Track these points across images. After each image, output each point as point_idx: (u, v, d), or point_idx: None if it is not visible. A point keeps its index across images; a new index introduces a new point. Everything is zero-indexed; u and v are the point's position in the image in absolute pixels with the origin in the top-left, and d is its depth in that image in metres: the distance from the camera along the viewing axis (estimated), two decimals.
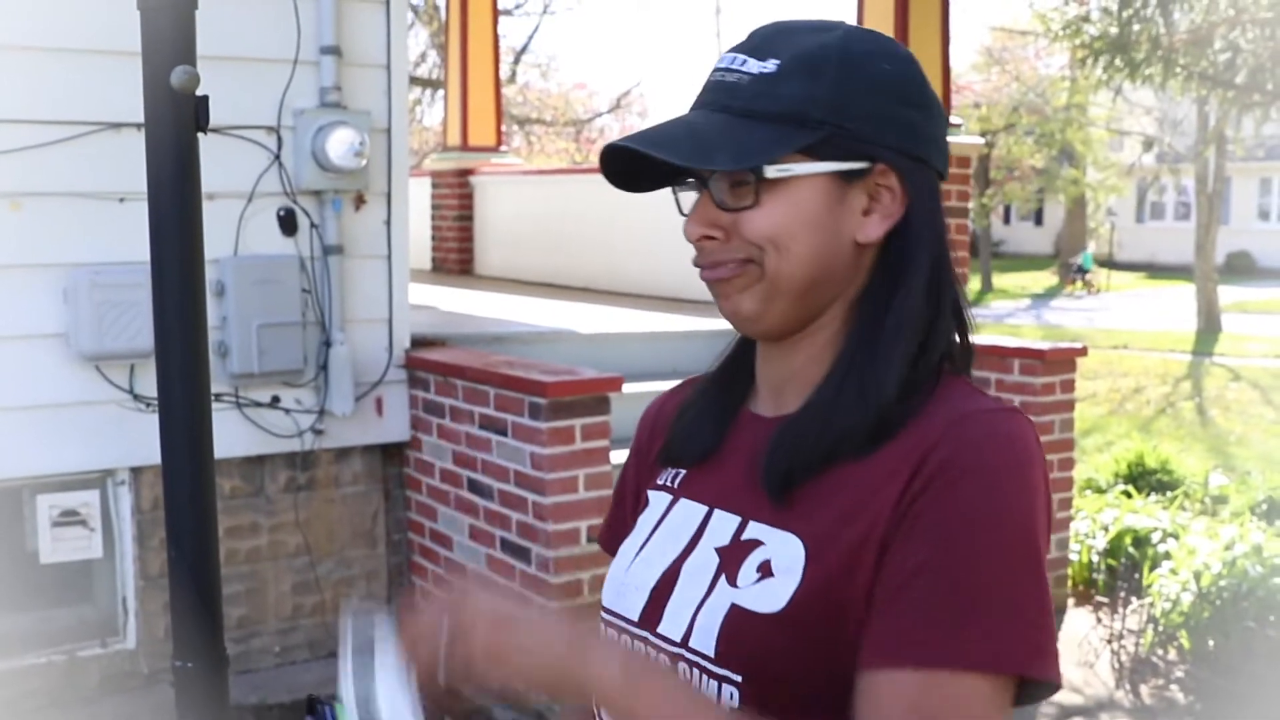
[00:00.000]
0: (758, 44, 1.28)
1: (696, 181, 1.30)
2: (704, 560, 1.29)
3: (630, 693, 1.18)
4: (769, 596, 1.21)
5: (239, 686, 5.00)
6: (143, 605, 5.07)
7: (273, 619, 5.37)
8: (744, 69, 1.27)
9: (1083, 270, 33.28)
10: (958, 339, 1.32)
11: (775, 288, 1.27)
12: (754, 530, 1.27)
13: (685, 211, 1.32)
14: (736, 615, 1.22)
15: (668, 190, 1.38)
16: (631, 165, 1.30)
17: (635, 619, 1.34)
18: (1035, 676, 1.14)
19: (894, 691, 1.12)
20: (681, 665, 1.27)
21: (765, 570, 1.23)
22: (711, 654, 1.23)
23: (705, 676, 1.24)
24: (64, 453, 4.85)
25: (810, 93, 1.24)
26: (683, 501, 1.38)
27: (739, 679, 1.21)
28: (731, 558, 1.27)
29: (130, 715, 4.88)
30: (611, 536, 1.54)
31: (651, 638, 1.31)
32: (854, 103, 1.25)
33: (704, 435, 1.40)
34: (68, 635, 5.03)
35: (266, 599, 5.35)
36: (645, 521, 1.42)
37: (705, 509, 1.34)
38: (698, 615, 1.26)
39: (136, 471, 5.01)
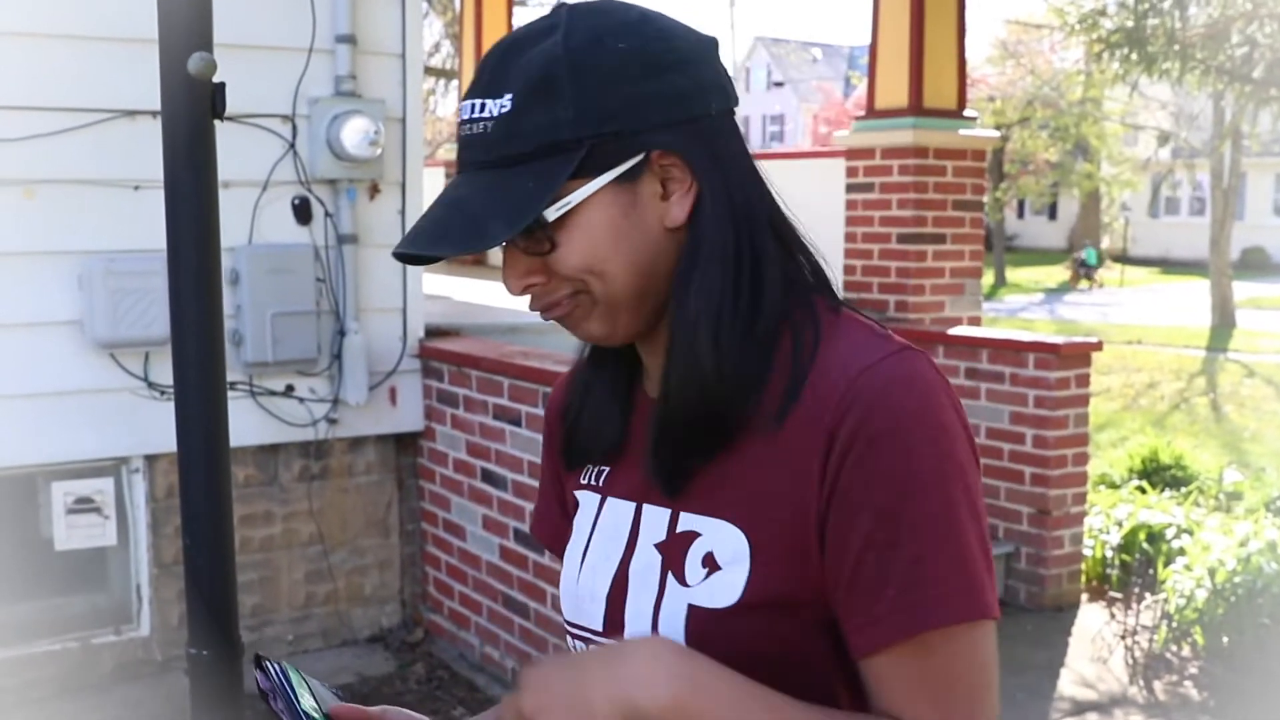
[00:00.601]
0: (487, 81, 1.22)
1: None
2: (647, 560, 1.28)
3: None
4: (722, 590, 1.20)
5: (251, 675, 5.01)
6: (156, 593, 5.08)
7: (286, 607, 5.37)
8: (484, 115, 1.20)
9: (1087, 265, 33.23)
10: (808, 267, 1.30)
11: (612, 307, 1.24)
12: (687, 521, 1.25)
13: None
14: (697, 615, 1.21)
15: None
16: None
17: (600, 629, 1.32)
18: (982, 616, 1.16)
19: (896, 671, 1.15)
20: None
21: (710, 563, 1.22)
22: None
23: None
24: (78, 440, 4.86)
25: (553, 117, 1.18)
26: (610, 500, 1.35)
27: None
28: (673, 554, 1.25)
29: (143, 702, 4.89)
30: (547, 530, 1.52)
31: None
32: (600, 105, 1.19)
33: (607, 428, 1.37)
34: (81, 622, 5.04)
35: (280, 588, 5.35)
36: (580, 525, 1.40)
37: (633, 505, 1.32)
38: (658, 620, 1.24)
39: (151, 459, 5.01)
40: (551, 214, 1.19)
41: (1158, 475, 8.06)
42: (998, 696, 1.19)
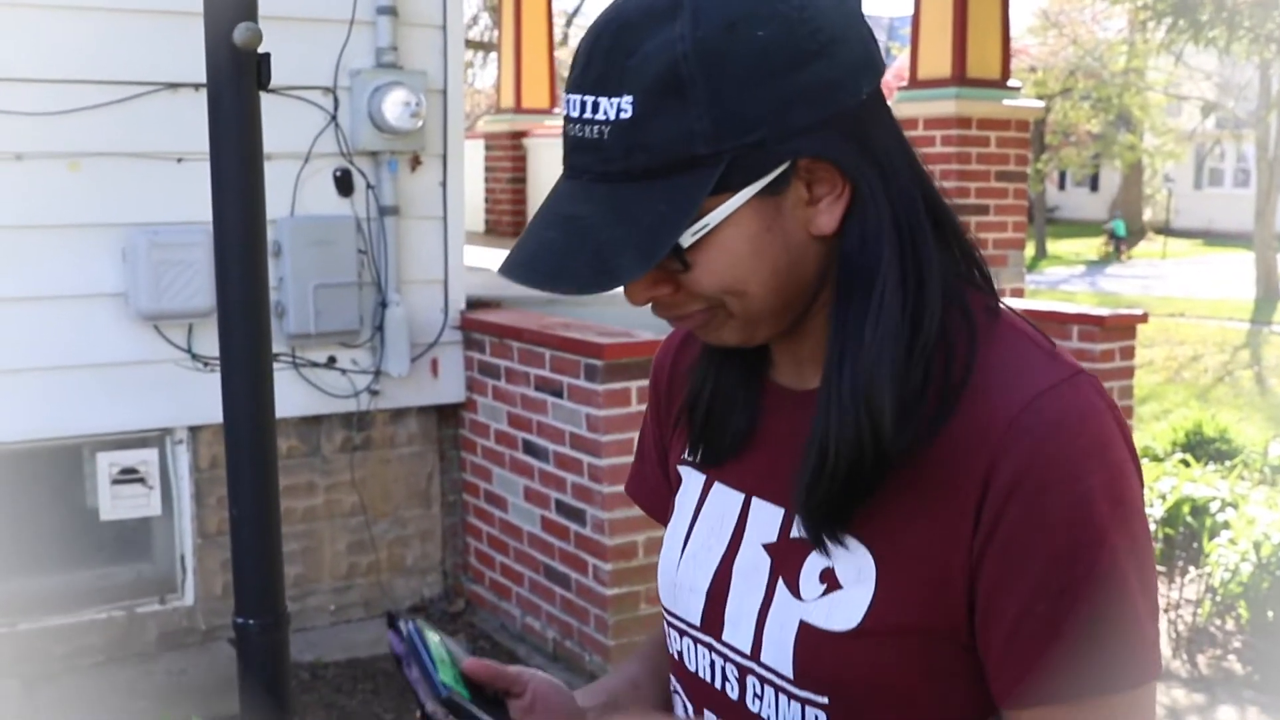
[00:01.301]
0: (599, 72, 1.04)
1: None
2: (754, 560, 1.20)
3: None
4: (841, 612, 1.12)
5: (295, 644, 5.02)
6: (200, 563, 5.12)
7: (328, 578, 5.40)
8: (598, 116, 1.04)
9: (1116, 237, 32.95)
10: (963, 260, 1.19)
11: (751, 321, 1.13)
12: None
13: None
14: (809, 634, 1.14)
15: None
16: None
17: (697, 623, 1.25)
18: (1152, 678, 1.09)
19: None
20: (752, 680, 1.20)
21: (830, 580, 1.13)
22: (790, 675, 1.15)
23: (784, 696, 1.17)
24: (123, 411, 4.89)
25: (685, 128, 1.02)
26: (717, 486, 1.27)
27: (824, 701, 1.14)
28: (785, 561, 1.17)
29: (187, 670, 4.94)
30: (649, 497, 1.45)
31: (717, 645, 1.23)
32: (739, 111, 1.03)
33: (736, 421, 1.26)
34: (126, 592, 5.09)
35: (322, 558, 5.39)
36: (683, 504, 1.31)
37: (742, 496, 1.24)
38: (764, 628, 1.17)
39: (195, 430, 5.05)
40: (687, 240, 1.05)
41: (1202, 448, 7.99)
42: None
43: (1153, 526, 6.16)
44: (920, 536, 1.09)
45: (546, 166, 9.98)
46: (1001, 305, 1.19)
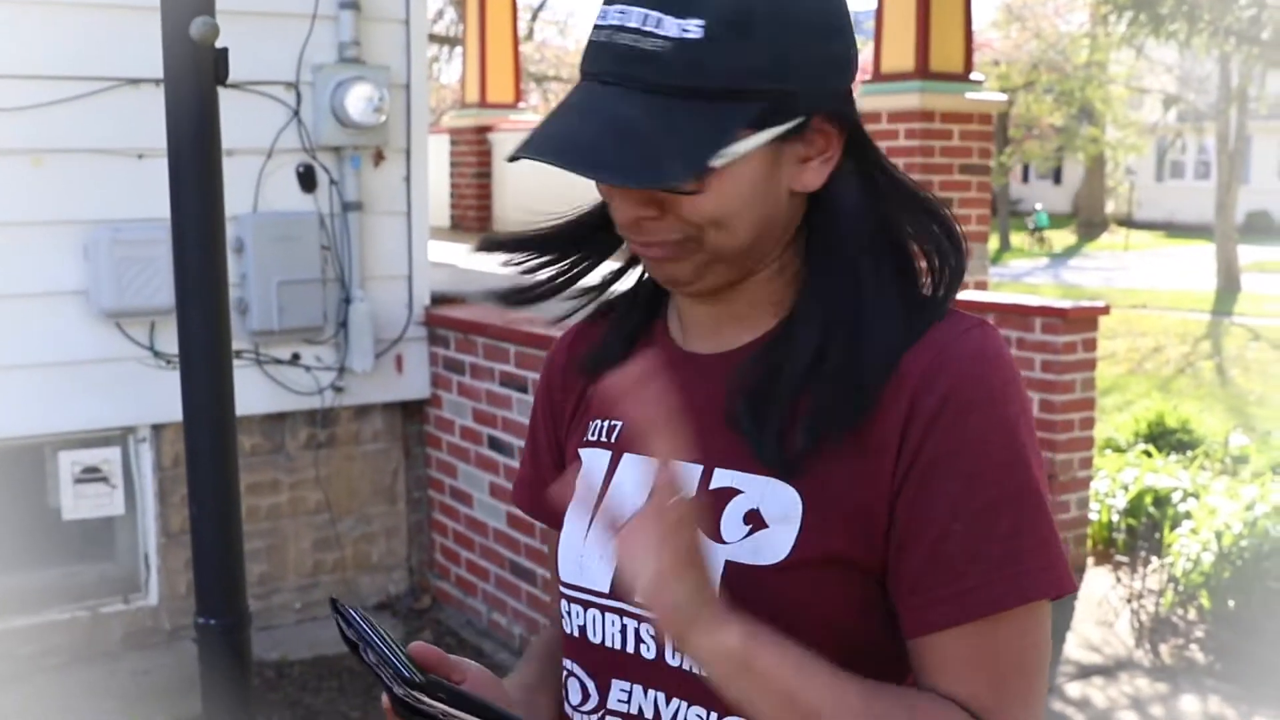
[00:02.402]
0: None
1: None
2: None
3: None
4: (767, 547, 1.15)
5: (260, 643, 5.02)
6: (164, 562, 5.09)
7: (293, 575, 5.39)
8: (660, 31, 1.09)
9: (1038, 228, 33.30)
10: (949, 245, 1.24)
11: (715, 258, 1.18)
12: (725, 478, 1.19)
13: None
14: (736, 572, 1.15)
15: None
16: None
17: (605, 590, 1.25)
18: (1069, 591, 1.15)
19: (959, 646, 1.12)
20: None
21: (755, 520, 1.16)
22: None
23: None
24: (85, 409, 4.86)
25: (745, 61, 1.10)
26: (627, 456, 1.28)
27: None
28: (706, 510, 1.18)
29: (152, 671, 4.91)
30: (534, 497, 1.45)
31: (629, 608, 1.23)
32: (790, 60, 1.12)
33: (607, 359, 1.31)
34: (90, 591, 5.06)
35: (287, 556, 5.37)
36: (586, 484, 1.30)
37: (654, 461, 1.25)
38: None
39: (157, 428, 5.02)
40: (718, 161, 1.11)
41: (1164, 439, 8.05)
42: (1048, 676, 1.17)
43: (1115, 517, 6.21)
44: (845, 472, 1.14)
45: (512, 162, 9.96)
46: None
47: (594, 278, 1.39)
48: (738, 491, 1.18)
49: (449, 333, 5.37)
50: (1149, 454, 7.43)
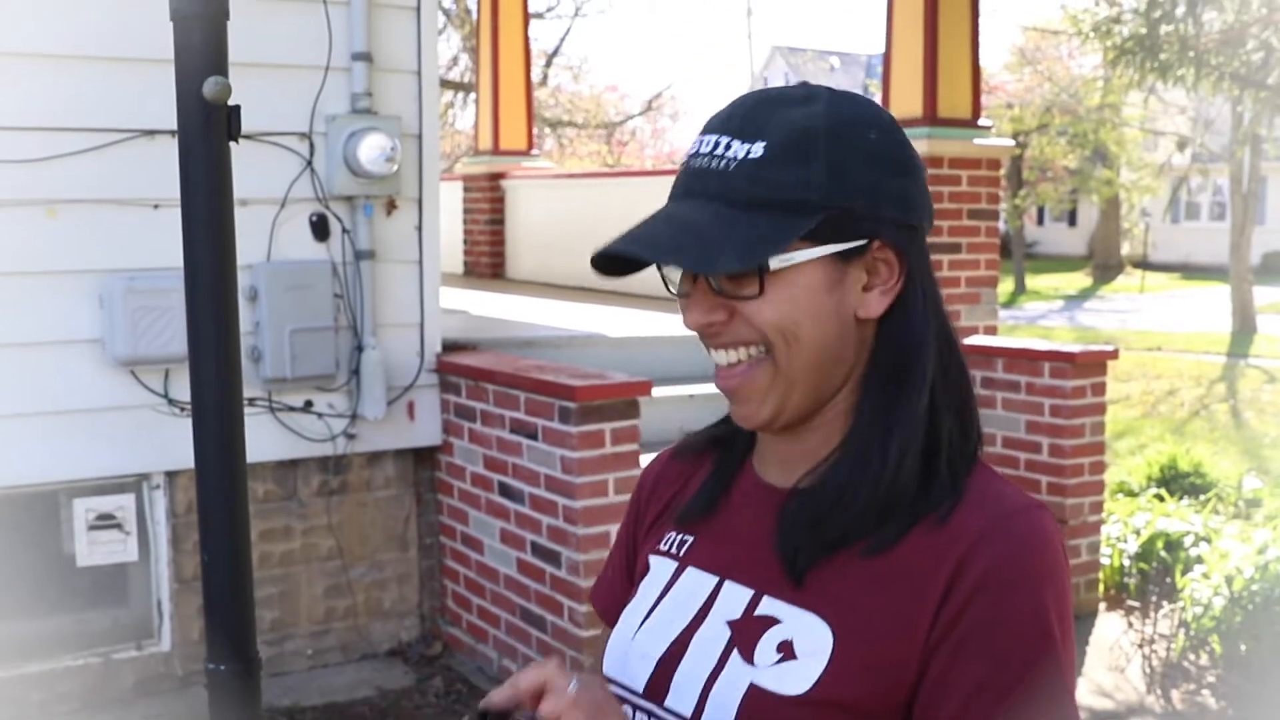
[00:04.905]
0: (739, 124, 1.24)
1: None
2: (714, 633, 1.28)
3: None
4: (792, 678, 1.20)
5: (271, 689, 5.04)
6: (177, 608, 5.11)
7: (305, 622, 5.41)
8: (729, 153, 1.23)
9: None
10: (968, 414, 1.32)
11: (790, 380, 1.26)
12: (769, 606, 1.26)
13: (672, 287, 1.29)
14: (756, 696, 1.21)
15: None
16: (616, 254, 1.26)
17: (640, 689, 1.32)
18: None
19: None
20: None
21: (786, 650, 1.22)
22: None
23: None
24: (99, 457, 4.90)
25: (804, 176, 1.21)
26: (690, 570, 1.36)
27: None
28: (745, 633, 1.25)
29: (164, 717, 4.93)
30: (609, 600, 1.52)
31: (659, 710, 1.29)
32: (849, 181, 1.22)
33: (704, 497, 1.40)
34: (103, 638, 5.08)
35: (299, 602, 5.39)
36: (648, 588, 1.40)
37: (715, 579, 1.32)
38: (710, 691, 1.24)
39: (171, 475, 5.06)
40: (776, 263, 1.21)
41: (1176, 483, 8.04)
42: None
43: (1126, 562, 6.21)
44: (880, 623, 1.19)
45: (525, 208, 10.04)
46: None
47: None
48: (777, 621, 1.25)
49: (460, 380, 5.41)
50: (1161, 498, 7.42)
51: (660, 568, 1.40)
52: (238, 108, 2.48)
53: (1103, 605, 6.09)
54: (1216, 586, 5.34)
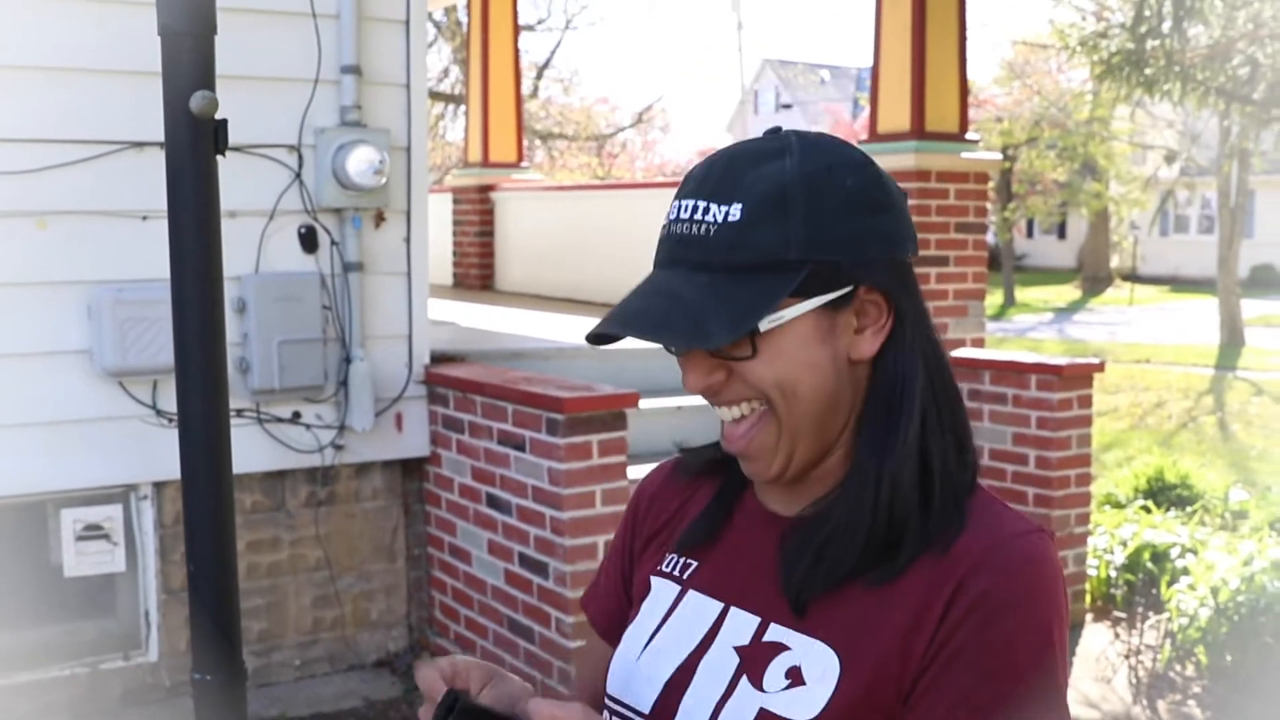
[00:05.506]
0: (714, 186, 1.25)
1: None
2: (722, 658, 1.30)
3: None
4: (800, 704, 1.22)
5: (259, 700, 5.05)
6: (165, 619, 5.12)
7: (293, 633, 5.41)
8: (708, 218, 1.24)
9: None
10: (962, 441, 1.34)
11: (794, 434, 1.28)
12: (777, 633, 1.28)
13: (671, 348, 1.30)
14: None
15: None
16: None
17: (646, 711, 1.34)
18: None
19: None
20: None
21: (795, 677, 1.24)
22: None
23: None
24: (87, 468, 4.91)
25: (784, 235, 1.22)
26: (693, 594, 1.38)
27: None
28: (754, 660, 1.28)
29: None
30: (604, 611, 1.54)
31: None
32: (828, 232, 1.23)
33: (705, 523, 1.42)
34: (90, 648, 5.08)
35: (287, 613, 5.39)
36: (651, 610, 1.42)
37: (720, 605, 1.35)
38: (719, 715, 1.27)
39: (159, 486, 5.06)
40: (766, 325, 1.23)
41: (1163, 494, 8.06)
42: None
43: (1113, 573, 6.23)
44: (883, 647, 1.21)
45: (514, 220, 10.05)
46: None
47: None
48: (785, 648, 1.27)
49: (448, 391, 5.42)
50: (1148, 510, 7.44)
51: (662, 590, 1.42)
52: (225, 122, 2.49)
53: (1089, 616, 6.11)
54: (1202, 598, 5.37)
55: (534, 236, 9.82)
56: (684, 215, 1.26)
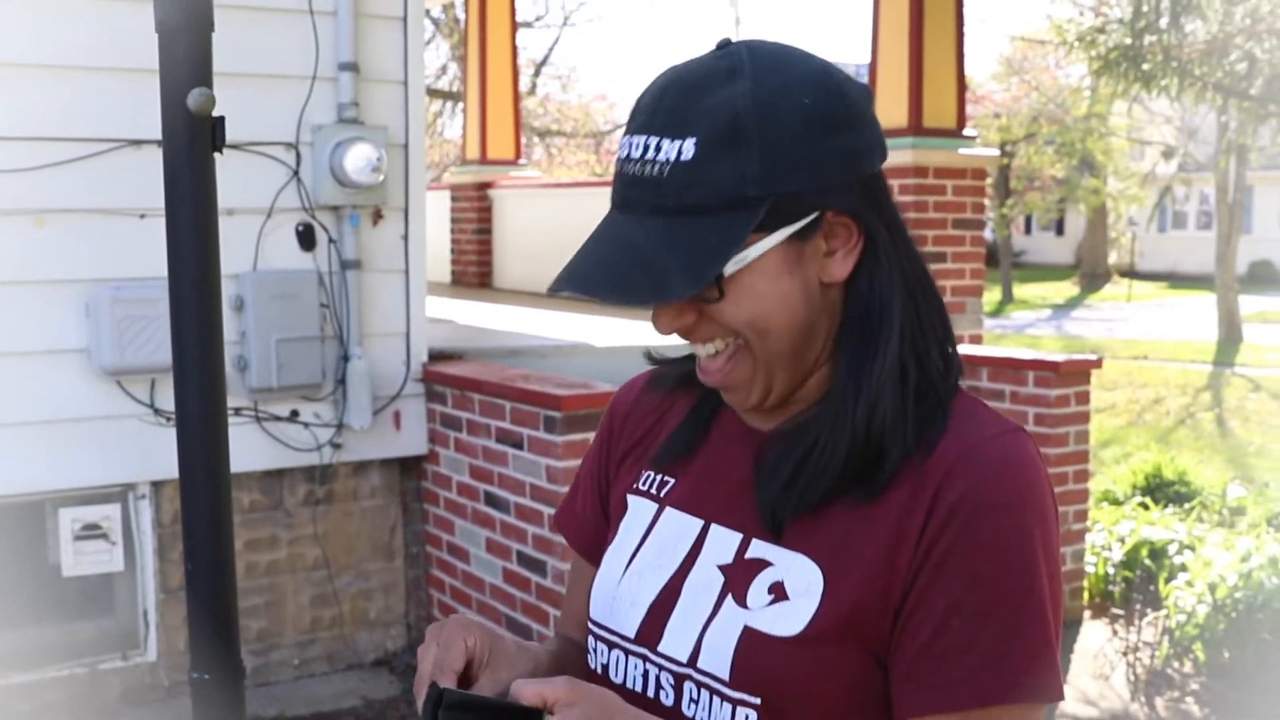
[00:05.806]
0: (664, 120, 1.19)
1: None
2: (706, 578, 1.28)
3: None
4: (785, 619, 1.21)
5: (258, 699, 5.04)
6: (163, 618, 5.11)
7: (291, 632, 5.41)
8: (659, 156, 1.18)
9: None
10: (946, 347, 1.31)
11: (769, 366, 1.25)
12: (760, 549, 1.26)
13: None
14: (752, 638, 1.22)
15: None
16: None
17: (631, 635, 1.32)
18: (1056, 700, 1.19)
19: None
20: (689, 685, 1.27)
21: (778, 592, 1.23)
22: (726, 677, 1.23)
23: (718, 699, 1.24)
24: (85, 467, 4.90)
25: (740, 170, 1.16)
26: (671, 511, 1.36)
27: (757, 701, 1.22)
28: (738, 577, 1.26)
29: None
30: (581, 531, 1.51)
31: (652, 655, 1.30)
32: (788, 161, 1.17)
33: (682, 438, 1.39)
34: (89, 648, 5.08)
35: (285, 612, 5.39)
36: (629, 530, 1.39)
37: (700, 522, 1.32)
38: (705, 635, 1.25)
39: (157, 485, 5.06)
40: (731, 268, 1.19)
41: (1161, 491, 8.07)
42: None
43: (1111, 570, 6.23)
44: (867, 559, 1.20)
45: (512, 217, 10.05)
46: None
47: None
48: (768, 563, 1.25)
49: (446, 389, 5.42)
50: (1146, 506, 7.45)
51: (640, 508, 1.39)
52: (222, 119, 2.48)
53: (1087, 613, 6.11)
54: (1200, 594, 5.37)
55: (532, 234, 9.81)
56: (635, 154, 1.20)
